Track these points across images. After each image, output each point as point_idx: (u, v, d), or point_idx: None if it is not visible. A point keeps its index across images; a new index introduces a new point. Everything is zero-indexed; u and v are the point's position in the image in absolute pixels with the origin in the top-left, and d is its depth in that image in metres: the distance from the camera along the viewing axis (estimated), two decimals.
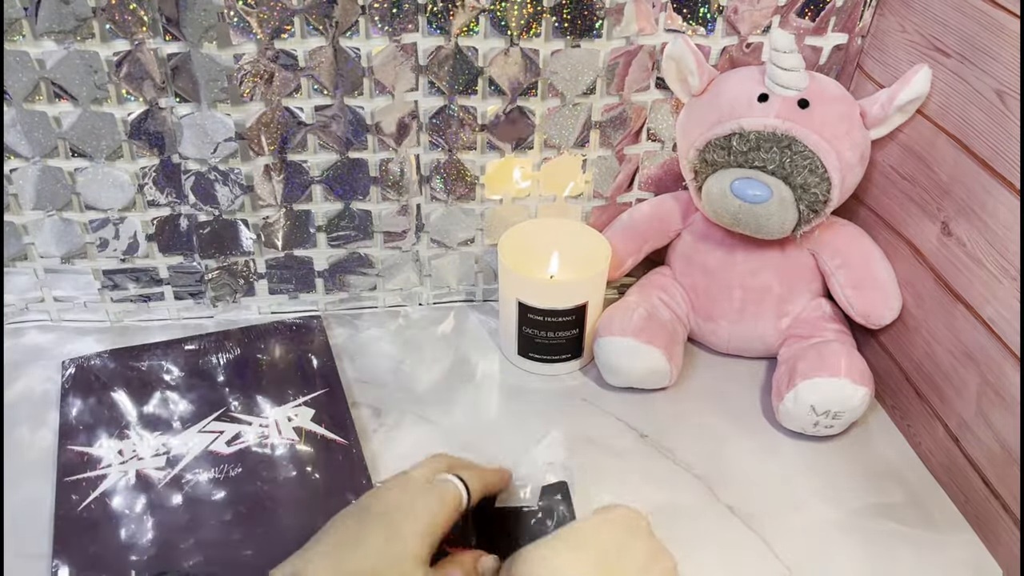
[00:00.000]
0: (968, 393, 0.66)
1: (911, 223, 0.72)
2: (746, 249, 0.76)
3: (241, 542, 0.61)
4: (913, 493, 0.69)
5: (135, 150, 0.74)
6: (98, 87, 0.70)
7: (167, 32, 0.68)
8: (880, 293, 0.74)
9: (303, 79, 0.72)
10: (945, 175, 0.67)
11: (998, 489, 0.63)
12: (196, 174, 0.76)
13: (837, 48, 0.76)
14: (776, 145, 0.68)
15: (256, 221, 0.79)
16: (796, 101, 0.70)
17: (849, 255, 0.75)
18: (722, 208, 0.71)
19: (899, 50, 0.72)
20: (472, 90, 0.74)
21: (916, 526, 0.66)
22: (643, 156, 0.82)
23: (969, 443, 0.66)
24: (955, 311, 0.67)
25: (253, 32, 0.69)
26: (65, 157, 0.74)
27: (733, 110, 0.71)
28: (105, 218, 0.78)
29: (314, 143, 0.76)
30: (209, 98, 0.71)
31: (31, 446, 0.70)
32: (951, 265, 0.67)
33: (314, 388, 0.75)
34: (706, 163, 0.72)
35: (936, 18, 0.67)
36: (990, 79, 0.62)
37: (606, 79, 0.75)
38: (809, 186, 0.69)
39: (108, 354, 0.77)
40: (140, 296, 0.84)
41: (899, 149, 0.73)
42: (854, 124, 0.71)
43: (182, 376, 0.75)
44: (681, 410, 0.77)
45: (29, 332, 0.83)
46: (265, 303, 0.86)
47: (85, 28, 0.67)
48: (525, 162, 0.81)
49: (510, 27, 0.71)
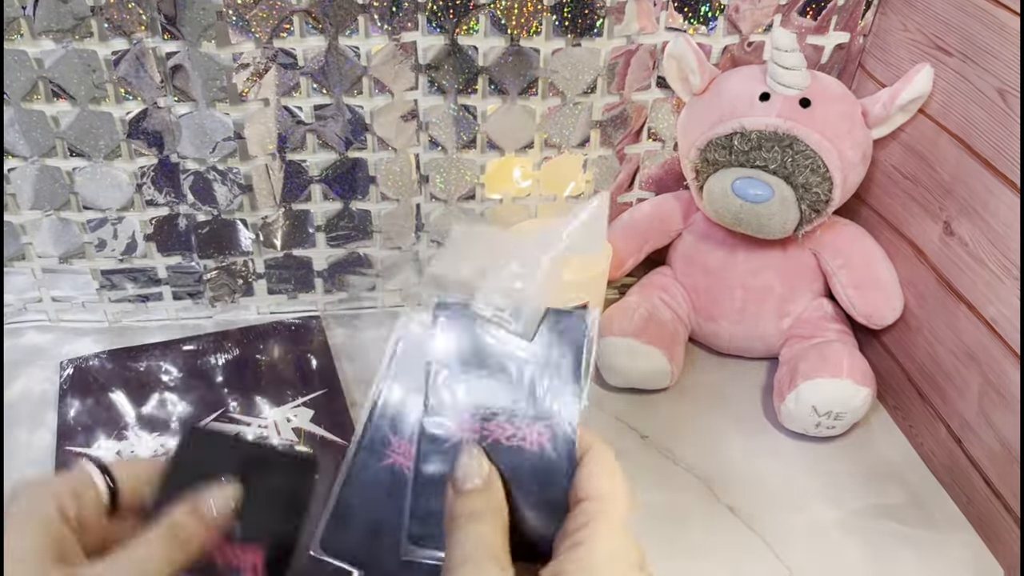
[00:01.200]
0: (970, 393, 0.66)
1: (913, 223, 0.72)
2: (747, 249, 0.76)
3: None
4: (915, 494, 0.69)
5: (133, 149, 0.74)
6: (96, 86, 0.70)
7: (166, 31, 0.68)
8: (882, 293, 0.74)
9: (302, 78, 0.72)
10: (947, 174, 0.67)
11: (1000, 489, 0.63)
12: (195, 173, 0.76)
13: (839, 47, 0.76)
14: (778, 144, 0.68)
15: (255, 221, 0.79)
16: (798, 100, 0.69)
17: (851, 255, 0.75)
18: (723, 208, 0.70)
19: (901, 49, 0.72)
20: (472, 89, 0.74)
21: (918, 527, 0.66)
22: (644, 155, 0.82)
23: (971, 443, 0.66)
24: (957, 311, 0.67)
25: (252, 31, 0.68)
26: (63, 156, 0.74)
27: (734, 109, 0.71)
28: (103, 218, 0.78)
29: (313, 142, 0.76)
30: (208, 97, 0.71)
31: (29, 447, 0.70)
32: (953, 265, 0.67)
33: (313, 389, 0.74)
34: (707, 162, 0.71)
35: (938, 17, 0.67)
36: (992, 78, 0.62)
37: (607, 78, 0.75)
38: (811, 186, 0.68)
39: (106, 355, 0.77)
40: (138, 296, 0.84)
41: (901, 148, 0.72)
42: (856, 123, 0.71)
43: (181, 377, 0.75)
44: (682, 411, 0.76)
45: (27, 332, 0.83)
46: (264, 303, 0.86)
47: (83, 27, 0.67)
48: (525, 161, 0.81)
49: (510, 26, 0.71)
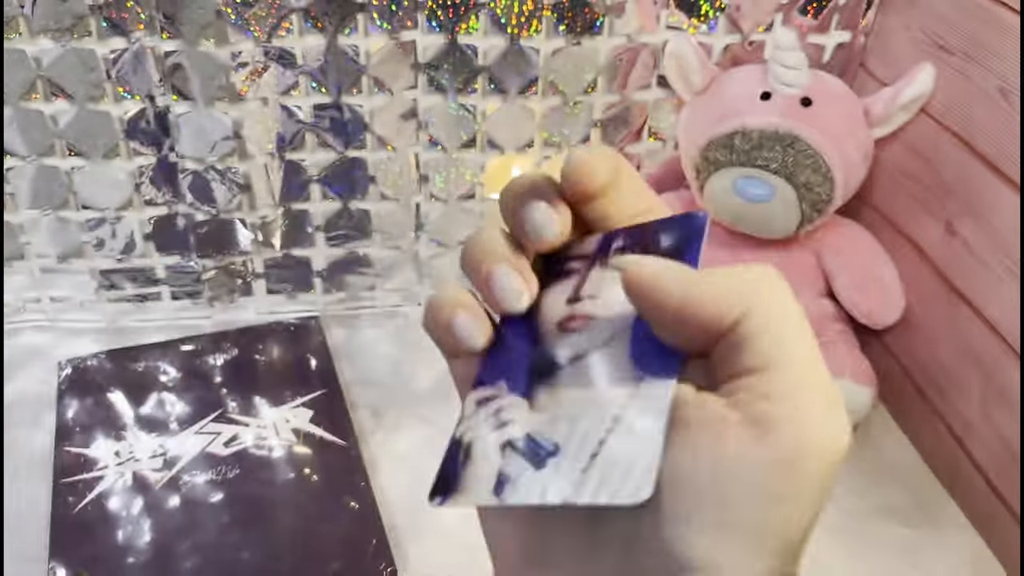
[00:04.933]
0: (971, 393, 0.65)
1: (915, 223, 0.72)
2: (748, 249, 0.76)
3: (238, 544, 0.61)
4: (916, 494, 0.69)
5: (132, 149, 0.74)
6: (95, 85, 0.69)
7: (164, 30, 0.67)
8: (884, 293, 0.74)
9: (301, 76, 0.71)
10: (949, 174, 0.67)
11: (1001, 490, 0.63)
12: (193, 173, 0.75)
13: (840, 46, 0.76)
14: (779, 144, 0.68)
15: (254, 220, 0.79)
16: (799, 99, 0.69)
17: (852, 255, 0.75)
18: (724, 207, 0.70)
19: (902, 48, 0.72)
20: (472, 88, 0.74)
21: (919, 527, 0.66)
22: (644, 155, 0.82)
23: (972, 444, 0.66)
24: (959, 311, 0.66)
25: (250, 30, 0.68)
26: (61, 156, 0.73)
27: (735, 108, 0.70)
28: (102, 217, 0.78)
29: (312, 141, 0.76)
30: (207, 96, 0.70)
31: (27, 448, 0.69)
32: (955, 265, 0.67)
33: (312, 389, 0.74)
34: (708, 162, 0.71)
35: (940, 16, 0.67)
36: (994, 77, 0.61)
37: (607, 77, 0.75)
38: (812, 185, 0.68)
39: (105, 355, 0.77)
40: (137, 296, 0.84)
41: (903, 148, 0.72)
42: (857, 122, 0.70)
43: (179, 377, 0.75)
44: None
45: (25, 332, 0.83)
46: (263, 303, 0.86)
47: (82, 26, 0.67)
48: (525, 161, 0.80)
49: (510, 24, 0.71)
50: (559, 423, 0.28)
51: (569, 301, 0.30)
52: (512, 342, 0.31)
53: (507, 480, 0.27)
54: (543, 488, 0.26)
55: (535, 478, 0.27)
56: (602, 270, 0.30)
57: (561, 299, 0.31)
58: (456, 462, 0.29)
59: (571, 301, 0.30)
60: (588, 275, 0.31)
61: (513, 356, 0.30)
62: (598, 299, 0.30)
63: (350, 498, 0.64)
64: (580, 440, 0.27)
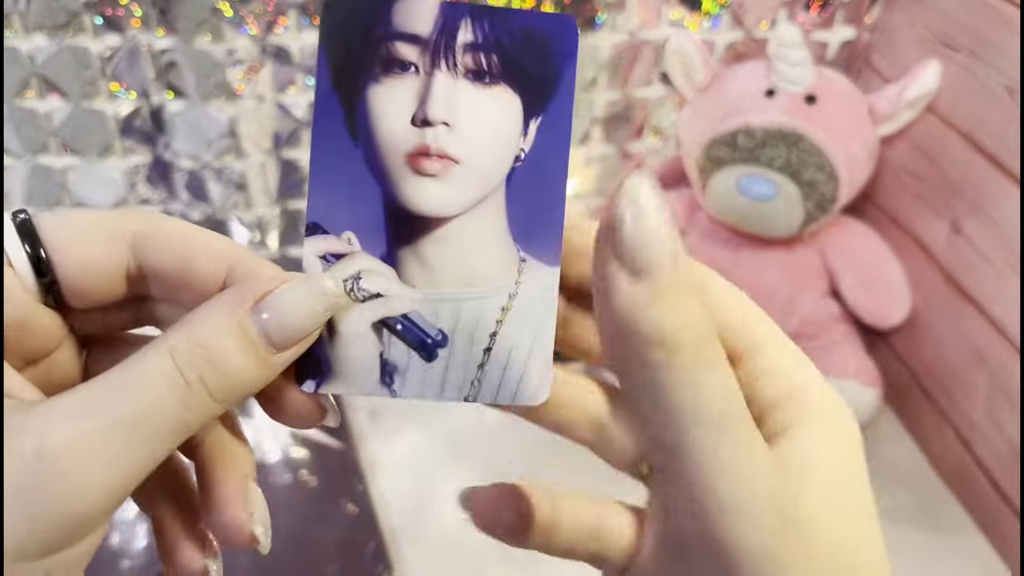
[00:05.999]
0: (977, 394, 0.65)
1: (920, 222, 0.71)
2: (752, 248, 0.75)
3: None
4: (922, 496, 0.69)
5: (127, 147, 0.73)
6: (89, 83, 0.69)
7: (159, 26, 0.67)
8: (889, 293, 0.73)
9: (297, 73, 0.71)
10: (954, 173, 0.66)
11: (1007, 492, 0.63)
12: (189, 171, 0.75)
13: (845, 43, 0.76)
14: (783, 142, 0.67)
15: (250, 219, 0.78)
16: (803, 97, 0.69)
17: (857, 254, 0.74)
18: (728, 206, 0.70)
19: (907, 45, 0.71)
20: None
21: (925, 530, 0.66)
22: (646, 153, 0.82)
23: (978, 445, 0.65)
24: (964, 311, 0.66)
25: (246, 26, 0.68)
26: (56, 154, 0.73)
27: (739, 106, 0.70)
28: None
29: (308, 139, 0.75)
30: (202, 94, 0.70)
31: None
32: (961, 264, 0.66)
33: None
34: (711, 160, 0.71)
35: (945, 13, 0.66)
36: (1000, 75, 0.61)
37: (608, 74, 0.74)
38: (817, 184, 0.68)
39: None
40: None
41: (908, 146, 0.72)
42: (862, 120, 0.70)
43: None
44: None
45: None
46: None
47: (76, 22, 0.66)
48: None
49: None
50: (441, 307, 0.24)
51: (416, 122, 0.24)
52: (344, 163, 0.24)
53: (395, 371, 0.24)
54: (440, 384, 0.24)
55: (429, 371, 0.24)
56: (453, 76, 0.24)
57: (404, 111, 0.24)
58: (319, 337, 0.24)
59: (419, 123, 0.24)
60: (433, 78, 0.24)
61: (355, 192, 0.24)
62: (456, 130, 0.24)
63: (348, 501, 0.64)
64: (470, 330, 0.24)
